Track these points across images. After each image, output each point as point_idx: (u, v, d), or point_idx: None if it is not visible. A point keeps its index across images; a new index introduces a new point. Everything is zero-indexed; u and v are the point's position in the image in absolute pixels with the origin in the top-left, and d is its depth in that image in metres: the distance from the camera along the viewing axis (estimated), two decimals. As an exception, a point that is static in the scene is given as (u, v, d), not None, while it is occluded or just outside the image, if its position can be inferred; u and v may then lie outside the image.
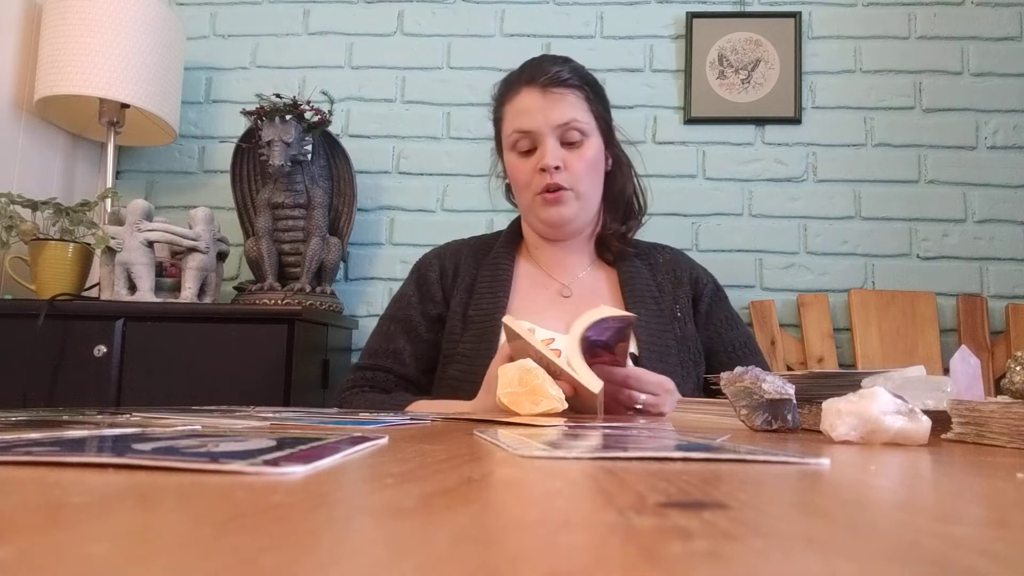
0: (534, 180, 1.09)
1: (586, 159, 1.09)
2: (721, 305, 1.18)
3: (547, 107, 1.08)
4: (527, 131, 1.09)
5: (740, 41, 1.88)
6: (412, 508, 0.19)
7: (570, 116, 1.08)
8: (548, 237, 1.17)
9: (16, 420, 0.44)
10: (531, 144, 1.10)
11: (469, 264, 1.18)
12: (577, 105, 1.09)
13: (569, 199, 1.10)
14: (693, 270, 1.20)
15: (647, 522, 0.18)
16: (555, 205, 1.09)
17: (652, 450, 0.33)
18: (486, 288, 1.13)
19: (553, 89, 1.08)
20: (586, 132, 1.10)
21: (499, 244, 1.20)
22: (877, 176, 1.84)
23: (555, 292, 1.15)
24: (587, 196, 1.12)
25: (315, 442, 0.33)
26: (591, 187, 1.12)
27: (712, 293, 1.18)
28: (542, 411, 0.70)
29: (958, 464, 0.38)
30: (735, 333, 1.16)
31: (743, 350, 1.14)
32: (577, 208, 1.11)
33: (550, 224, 1.12)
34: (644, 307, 1.09)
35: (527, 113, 1.09)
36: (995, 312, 1.75)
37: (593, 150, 1.11)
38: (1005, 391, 0.49)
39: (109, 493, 0.21)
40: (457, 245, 1.25)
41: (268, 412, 0.62)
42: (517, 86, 1.11)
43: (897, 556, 0.15)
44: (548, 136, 1.08)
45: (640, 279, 1.14)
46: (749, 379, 0.58)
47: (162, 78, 1.70)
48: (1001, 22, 1.85)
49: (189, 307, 1.48)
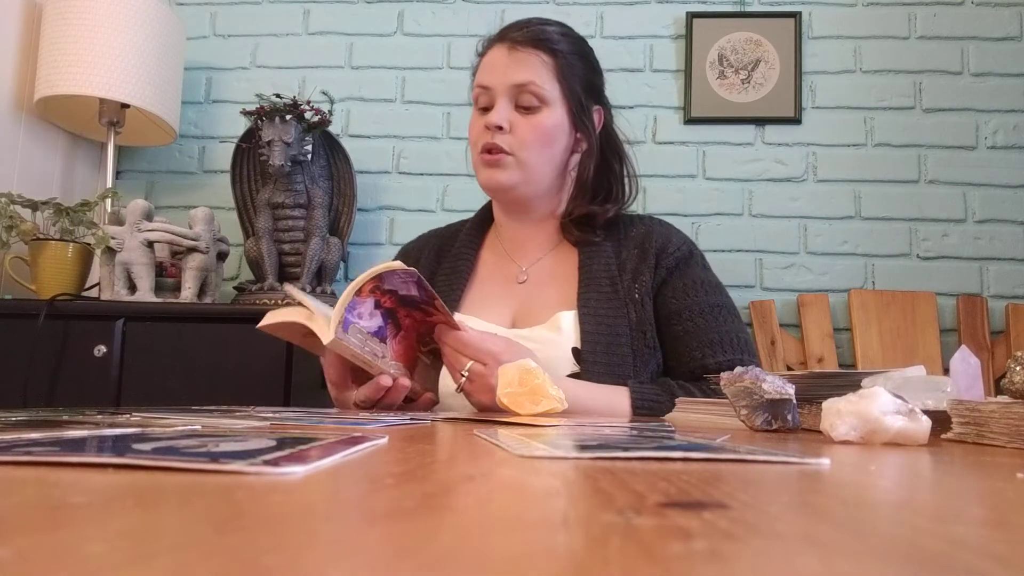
0: (482, 138, 1.03)
1: (537, 127, 1.02)
2: (685, 272, 1.04)
3: (508, 65, 1.02)
4: (485, 87, 1.03)
5: (740, 41, 1.88)
6: (412, 508, 0.19)
7: (527, 78, 1.01)
8: (503, 206, 1.11)
9: (16, 420, 0.44)
10: (488, 101, 1.04)
11: (431, 259, 1.14)
12: (540, 69, 1.02)
13: (508, 164, 1.02)
14: (663, 239, 1.07)
15: (647, 522, 0.18)
16: (491, 167, 1.02)
17: (652, 450, 0.33)
18: (443, 281, 1.08)
19: (520, 48, 1.02)
20: (545, 100, 1.02)
21: (466, 230, 1.16)
22: (877, 176, 1.84)
23: (511, 278, 1.09)
24: (531, 166, 1.03)
25: (315, 442, 0.33)
26: (537, 158, 1.03)
27: (677, 260, 1.04)
28: (542, 411, 0.70)
29: (958, 464, 0.38)
30: (692, 300, 1.01)
31: (700, 319, 0.99)
32: (518, 177, 1.03)
33: (487, 189, 1.06)
34: (597, 291, 1.01)
35: (490, 68, 1.04)
36: (995, 312, 1.75)
37: (551, 120, 1.03)
38: (1005, 391, 0.49)
39: (109, 493, 0.21)
40: (426, 237, 1.21)
41: (268, 412, 0.62)
42: (492, 42, 1.07)
43: (897, 556, 0.15)
44: (502, 96, 1.02)
45: (600, 260, 1.05)
46: (749, 379, 0.58)
47: (162, 78, 1.70)
48: (1001, 22, 1.85)
49: (189, 307, 1.48)
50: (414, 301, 0.81)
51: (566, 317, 0.99)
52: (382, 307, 0.80)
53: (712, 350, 0.98)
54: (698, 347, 0.99)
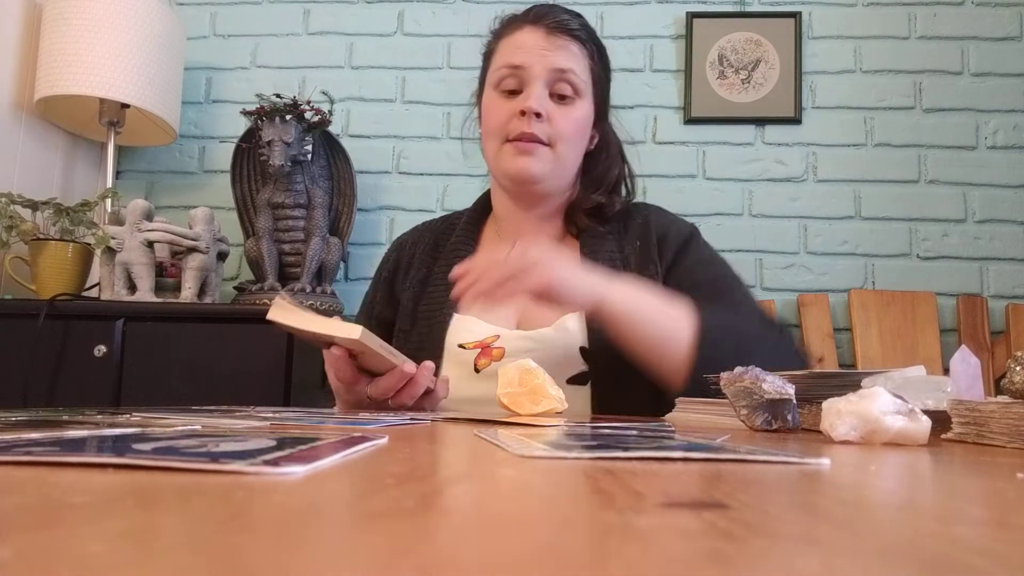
0: (511, 124, 0.97)
1: (574, 119, 0.98)
2: (688, 253, 1.02)
3: (547, 48, 0.97)
4: (518, 66, 0.97)
5: (740, 41, 1.88)
6: (412, 508, 0.19)
7: (569, 65, 0.97)
8: (514, 197, 1.06)
9: (16, 420, 0.44)
10: (518, 84, 0.98)
11: (426, 254, 1.10)
12: (580, 59, 0.99)
13: (543, 155, 0.97)
14: (662, 228, 1.05)
15: (647, 522, 0.18)
16: (526, 156, 0.96)
17: (652, 450, 0.33)
18: (441, 280, 1.02)
19: (559, 34, 0.98)
20: (580, 91, 0.99)
21: (462, 225, 1.11)
22: (877, 176, 1.84)
23: None
24: (564, 159, 0.99)
25: (315, 442, 0.33)
26: (571, 151, 1.00)
27: (679, 244, 1.02)
28: (542, 411, 0.70)
29: (958, 464, 0.38)
30: (701, 276, 0.99)
31: (710, 292, 0.96)
32: (551, 168, 0.98)
33: (516, 179, 0.99)
34: None
35: (524, 49, 0.97)
36: (995, 312, 1.75)
37: (583, 112, 0.99)
38: (1005, 391, 0.49)
39: (109, 493, 0.21)
40: (420, 232, 1.16)
41: (268, 412, 0.62)
42: (520, 22, 1.01)
43: (897, 556, 0.15)
44: (538, 79, 0.96)
45: (603, 253, 1.01)
46: (749, 379, 0.58)
47: (162, 78, 1.70)
48: (1001, 22, 1.85)
49: (189, 307, 1.48)
50: None
51: (572, 317, 0.98)
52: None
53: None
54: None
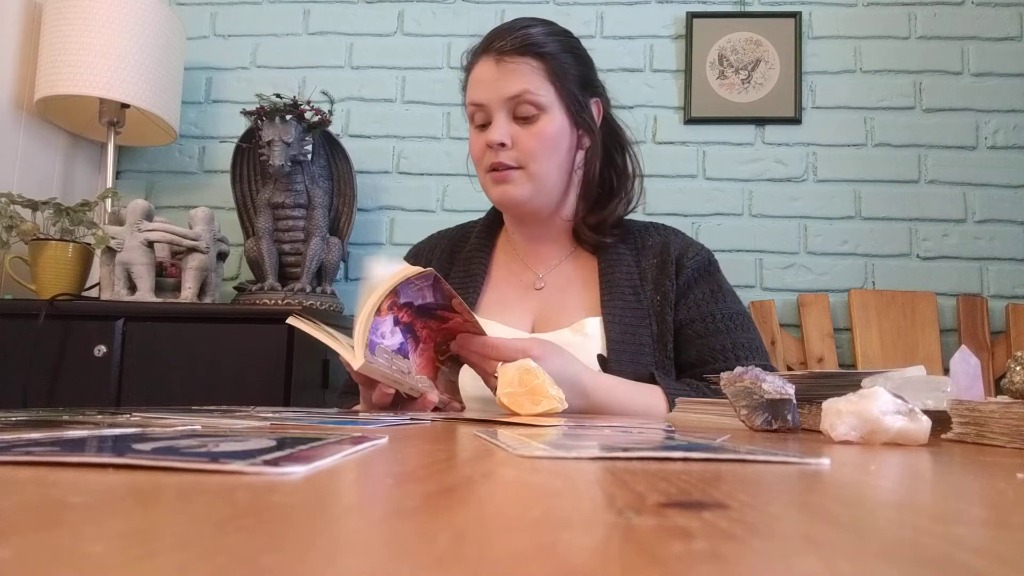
0: (485, 156, 1.02)
1: (540, 135, 1.00)
2: (706, 280, 1.05)
3: (499, 78, 0.99)
4: (479, 104, 1.01)
5: (740, 41, 1.88)
6: (412, 508, 0.19)
7: (520, 88, 0.98)
8: (513, 217, 1.10)
9: (16, 420, 0.44)
10: (485, 118, 1.02)
11: (443, 259, 1.13)
12: (531, 76, 0.99)
13: (518, 179, 1.01)
14: (681, 248, 1.07)
15: (647, 522, 0.18)
16: (502, 184, 1.01)
17: (652, 450, 0.33)
18: (458, 284, 1.06)
19: (506, 59, 0.99)
20: (542, 106, 0.99)
21: (476, 233, 1.14)
22: (877, 176, 1.84)
23: (528, 284, 1.08)
24: (541, 176, 1.01)
25: (315, 442, 0.33)
26: (546, 166, 1.01)
27: (697, 267, 1.05)
28: (542, 411, 0.70)
29: (958, 464, 0.38)
30: (716, 307, 1.02)
31: (720, 325, 1.01)
32: (530, 190, 1.01)
33: (501, 206, 1.06)
34: (621, 299, 1.01)
35: (480, 84, 1.01)
36: (995, 312, 1.75)
37: (552, 126, 1.00)
38: (1005, 391, 0.49)
39: (109, 493, 0.21)
40: (436, 239, 1.20)
41: (268, 412, 0.62)
42: (477, 55, 1.04)
43: (897, 556, 0.15)
44: (499, 111, 1.00)
45: (621, 267, 1.04)
46: (749, 379, 0.58)
47: (162, 78, 1.70)
48: (1001, 22, 1.85)
49: (189, 307, 1.48)
50: (430, 309, 0.81)
51: (592, 323, 0.99)
52: (400, 323, 0.80)
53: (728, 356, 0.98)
54: (720, 351, 0.99)
